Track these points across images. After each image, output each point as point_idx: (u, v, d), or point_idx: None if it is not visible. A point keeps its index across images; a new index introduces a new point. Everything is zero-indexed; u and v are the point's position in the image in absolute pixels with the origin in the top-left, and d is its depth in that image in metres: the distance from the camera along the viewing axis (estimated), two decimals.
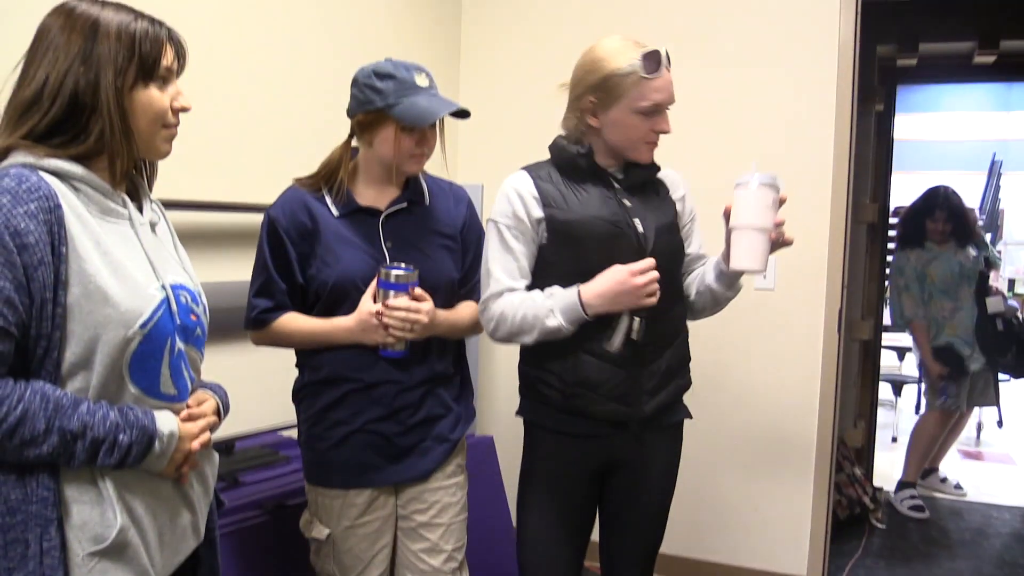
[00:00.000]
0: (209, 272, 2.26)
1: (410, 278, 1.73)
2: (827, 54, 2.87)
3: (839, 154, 2.87)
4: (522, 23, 3.34)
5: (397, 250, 1.78)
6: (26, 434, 1.08)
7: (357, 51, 2.82)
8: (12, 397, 1.08)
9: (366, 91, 1.72)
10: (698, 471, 3.11)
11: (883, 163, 4.25)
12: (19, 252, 1.07)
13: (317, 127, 2.61)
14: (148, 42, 1.20)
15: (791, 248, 1.73)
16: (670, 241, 1.84)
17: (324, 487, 1.82)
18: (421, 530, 1.85)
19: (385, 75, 1.71)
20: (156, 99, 1.22)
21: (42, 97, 1.15)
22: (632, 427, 1.82)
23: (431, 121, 1.71)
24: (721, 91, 3.00)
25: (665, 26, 3.09)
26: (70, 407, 1.12)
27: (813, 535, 2.95)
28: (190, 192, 2.20)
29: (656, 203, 1.85)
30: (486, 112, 3.38)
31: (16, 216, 1.07)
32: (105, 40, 1.17)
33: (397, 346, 1.76)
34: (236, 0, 2.37)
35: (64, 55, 1.15)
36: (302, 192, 1.81)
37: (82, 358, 1.14)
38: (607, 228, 1.76)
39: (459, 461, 1.92)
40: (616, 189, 1.82)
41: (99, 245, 1.16)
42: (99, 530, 1.15)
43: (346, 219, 1.79)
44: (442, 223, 1.87)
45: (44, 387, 1.11)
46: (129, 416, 1.17)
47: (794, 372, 2.97)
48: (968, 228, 4.18)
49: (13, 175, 1.10)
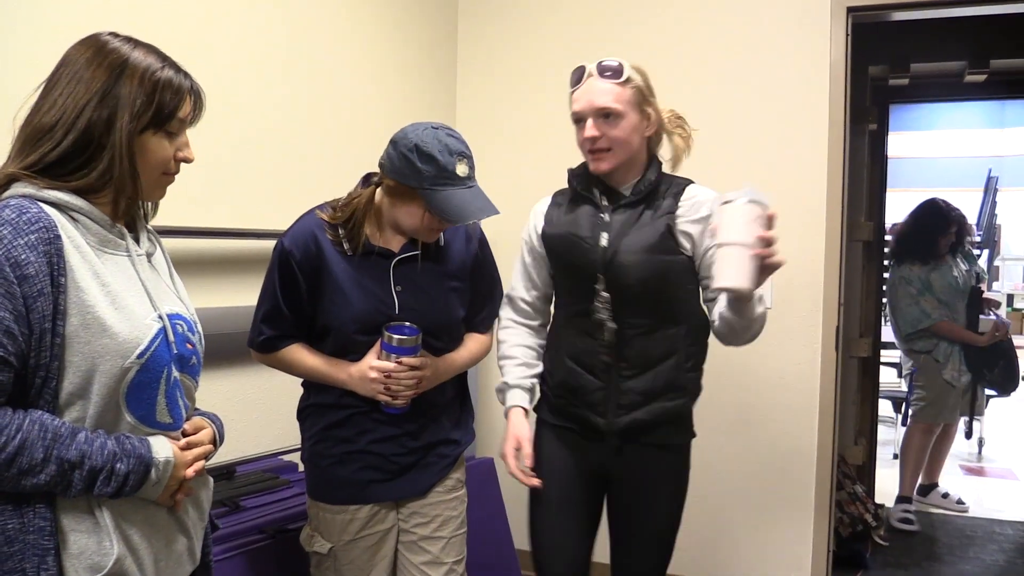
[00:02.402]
0: (211, 298, 2.29)
1: (413, 343, 1.75)
2: (819, 74, 2.90)
3: (833, 173, 2.90)
4: (518, 43, 3.37)
5: (407, 293, 1.79)
6: (24, 463, 1.09)
7: (357, 75, 2.86)
8: (11, 427, 1.09)
9: (404, 164, 1.68)
10: (697, 490, 3.09)
11: (878, 181, 4.28)
12: (19, 283, 1.08)
13: (320, 153, 2.64)
14: (170, 92, 1.22)
15: (787, 267, 1.72)
16: (647, 260, 1.81)
17: (326, 502, 1.84)
18: (422, 543, 1.87)
19: (427, 157, 1.66)
20: (163, 148, 1.24)
21: (56, 127, 1.16)
22: (609, 439, 1.88)
23: (463, 223, 1.72)
24: (714, 112, 3.03)
25: (658, 48, 3.12)
26: (68, 436, 1.13)
27: (815, 553, 2.94)
28: (191, 219, 2.22)
29: (644, 222, 1.84)
30: (483, 132, 3.42)
31: (16, 247, 1.09)
32: (129, 82, 1.19)
33: (398, 403, 1.79)
34: (236, 25, 2.40)
35: (86, 89, 1.17)
36: (317, 225, 1.79)
37: (80, 388, 1.15)
38: (567, 242, 1.89)
39: (459, 476, 1.95)
40: (603, 207, 1.87)
41: (97, 276, 1.17)
42: (96, 559, 1.15)
43: (359, 259, 1.79)
44: (453, 264, 1.88)
45: (42, 416, 1.12)
46: (126, 445, 1.18)
47: (793, 390, 2.97)
48: (963, 239, 4.27)
49: (14, 206, 1.12)
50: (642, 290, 1.82)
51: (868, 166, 4.24)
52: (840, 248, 2.90)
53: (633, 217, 1.85)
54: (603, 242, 1.83)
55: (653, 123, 1.87)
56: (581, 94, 1.83)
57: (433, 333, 1.81)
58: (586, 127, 1.81)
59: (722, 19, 3.05)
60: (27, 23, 1.82)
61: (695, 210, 1.85)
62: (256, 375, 2.45)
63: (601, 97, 1.79)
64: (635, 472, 1.92)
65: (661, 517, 1.96)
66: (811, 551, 2.95)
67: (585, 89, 1.82)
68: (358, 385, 1.78)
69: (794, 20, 2.94)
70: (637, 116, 1.83)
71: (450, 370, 1.88)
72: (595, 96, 1.80)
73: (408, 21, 3.17)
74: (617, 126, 1.80)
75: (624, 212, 1.86)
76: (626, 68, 1.82)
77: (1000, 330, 4.19)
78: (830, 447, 2.92)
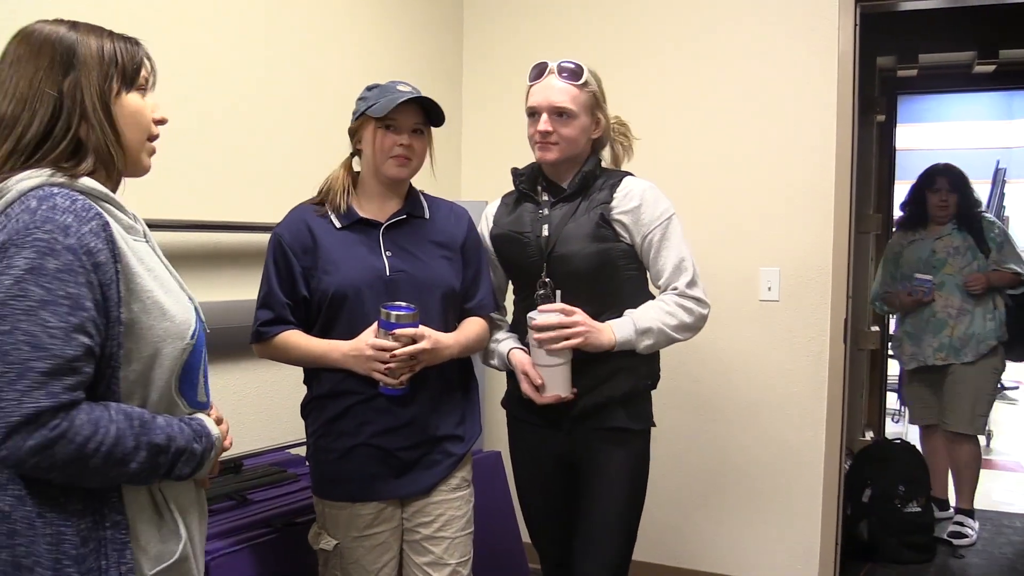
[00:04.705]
0: (222, 292, 2.29)
1: (410, 318, 1.75)
2: (827, 66, 2.89)
3: (841, 165, 2.88)
4: (523, 42, 3.36)
5: (396, 258, 1.83)
6: (118, 454, 1.07)
7: (358, 72, 2.85)
8: (103, 419, 1.07)
9: (357, 104, 1.84)
10: (705, 482, 3.10)
11: (886, 173, 4.26)
12: (95, 271, 1.07)
13: (316, 148, 2.62)
14: (127, 53, 1.20)
15: (795, 259, 1.76)
16: (585, 248, 1.91)
17: (330, 499, 1.84)
18: (425, 543, 1.86)
19: (372, 86, 1.84)
20: (141, 105, 1.22)
21: (22, 113, 1.12)
22: (564, 425, 1.96)
23: (394, 104, 1.75)
24: (722, 104, 3.02)
25: (664, 41, 3.11)
26: (151, 421, 1.13)
27: (823, 546, 2.94)
28: (194, 212, 2.23)
29: (581, 212, 1.94)
30: (489, 130, 3.41)
31: (86, 235, 1.07)
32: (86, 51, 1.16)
33: (396, 383, 1.77)
34: (236, 21, 2.39)
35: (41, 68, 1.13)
36: (306, 211, 1.87)
37: (142, 374, 1.15)
38: (511, 237, 2.00)
39: (464, 475, 1.93)
40: (543, 203, 2.00)
41: (142, 261, 1.17)
42: (162, 547, 1.16)
43: (348, 231, 1.84)
44: (441, 235, 1.92)
45: (121, 406, 1.11)
46: (194, 426, 1.20)
47: (800, 383, 2.96)
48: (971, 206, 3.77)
49: (62, 194, 1.09)
50: (584, 277, 1.92)
51: (876, 158, 4.23)
52: (848, 240, 2.89)
53: (571, 210, 1.95)
54: (544, 232, 1.95)
55: (600, 128, 1.99)
56: (539, 90, 1.93)
57: (424, 290, 1.82)
58: (539, 121, 1.91)
59: (730, 10, 3.03)
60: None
61: (628, 200, 1.94)
62: (264, 369, 2.45)
63: (558, 95, 1.90)
64: (591, 457, 1.97)
65: (618, 503, 1.96)
66: (819, 543, 2.94)
67: (544, 85, 1.92)
68: (353, 363, 1.77)
69: (802, 11, 2.92)
70: (588, 118, 1.95)
71: (451, 349, 1.84)
72: (552, 94, 1.91)
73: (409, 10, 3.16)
74: (569, 125, 1.91)
75: (563, 206, 1.97)
76: (585, 72, 1.92)
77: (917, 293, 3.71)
78: (838, 439, 2.91)
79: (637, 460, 2.00)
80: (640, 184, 1.98)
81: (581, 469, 1.99)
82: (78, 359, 1.05)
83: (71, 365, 1.04)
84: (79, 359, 1.05)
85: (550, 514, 2.08)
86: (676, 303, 1.92)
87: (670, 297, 1.93)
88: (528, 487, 2.12)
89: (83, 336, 1.05)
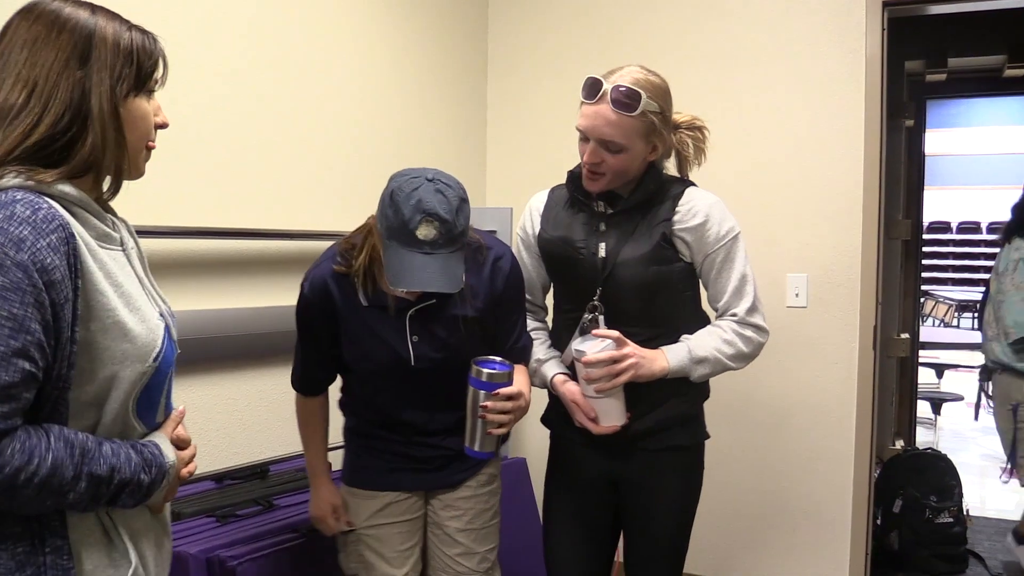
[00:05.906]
0: (240, 299, 2.30)
1: (504, 377, 1.70)
2: (855, 70, 2.86)
3: (870, 170, 2.85)
4: (549, 47, 3.36)
5: (424, 344, 1.76)
6: (55, 484, 1.00)
7: (380, 82, 2.87)
8: (39, 448, 0.99)
9: (380, 207, 1.63)
10: (732, 489, 3.07)
11: (915, 179, 4.21)
12: (47, 289, 0.98)
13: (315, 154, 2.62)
14: (144, 52, 1.13)
15: (823, 265, 1.73)
16: (643, 271, 1.79)
17: (356, 487, 1.90)
18: (456, 536, 1.89)
19: (395, 206, 1.58)
20: (147, 110, 1.15)
21: (30, 102, 1.04)
22: (616, 446, 1.86)
23: (395, 289, 1.62)
24: (749, 111, 3.00)
25: (690, 48, 3.10)
26: (95, 450, 1.04)
27: (853, 556, 2.90)
28: (203, 219, 2.23)
29: (641, 231, 1.81)
30: (515, 136, 3.41)
31: (41, 250, 0.98)
32: (102, 45, 1.08)
33: (487, 447, 1.74)
34: (252, 26, 2.40)
35: (55, 57, 1.05)
36: (331, 275, 1.76)
37: (97, 396, 1.07)
38: (564, 250, 1.87)
39: (491, 471, 1.95)
40: (598, 214, 1.85)
41: (109, 276, 1.08)
42: (117, 572, 1.10)
43: (375, 310, 1.75)
44: (477, 300, 1.79)
45: (64, 432, 1.03)
46: (145, 453, 1.11)
47: (829, 390, 2.93)
48: None
49: (24, 202, 0.99)
50: (639, 300, 1.82)
51: (905, 163, 4.18)
52: (877, 246, 2.86)
53: (630, 226, 1.82)
54: (601, 253, 1.82)
55: (659, 151, 1.82)
56: (591, 113, 1.74)
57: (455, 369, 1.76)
58: (588, 147, 1.76)
59: (757, 14, 3.01)
60: None
61: (692, 216, 1.81)
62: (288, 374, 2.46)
63: (608, 129, 1.72)
64: (644, 476, 1.89)
65: (671, 521, 1.92)
66: (849, 552, 2.90)
67: (595, 112, 1.73)
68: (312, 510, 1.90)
69: (829, 14, 2.90)
70: (643, 145, 1.77)
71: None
72: (602, 126, 1.73)
73: (433, 14, 3.18)
74: (618, 157, 1.75)
75: (620, 220, 1.83)
76: (642, 99, 1.71)
77: None
78: (868, 447, 2.87)
79: (693, 474, 1.95)
80: (706, 199, 1.83)
81: (631, 486, 1.91)
82: (14, 386, 0.97)
83: (7, 392, 0.96)
84: (15, 386, 0.97)
85: (581, 538, 1.96)
86: (735, 331, 1.82)
87: (728, 324, 1.83)
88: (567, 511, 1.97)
89: (24, 361, 0.97)
